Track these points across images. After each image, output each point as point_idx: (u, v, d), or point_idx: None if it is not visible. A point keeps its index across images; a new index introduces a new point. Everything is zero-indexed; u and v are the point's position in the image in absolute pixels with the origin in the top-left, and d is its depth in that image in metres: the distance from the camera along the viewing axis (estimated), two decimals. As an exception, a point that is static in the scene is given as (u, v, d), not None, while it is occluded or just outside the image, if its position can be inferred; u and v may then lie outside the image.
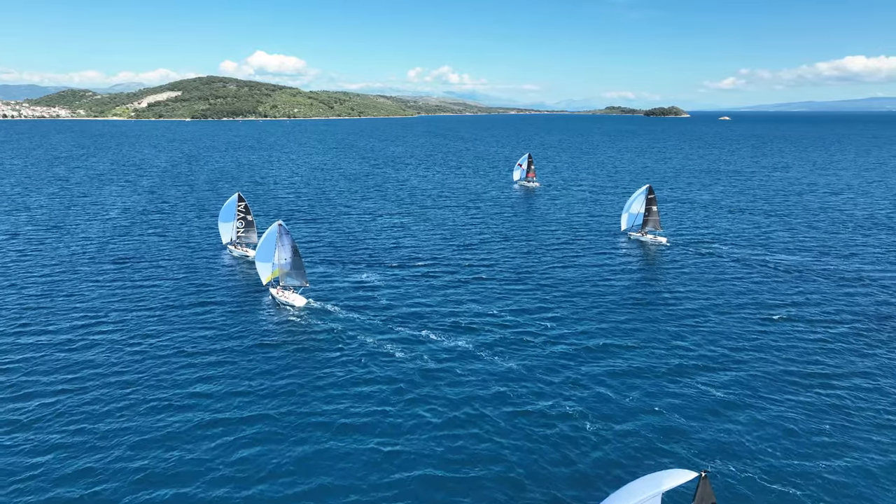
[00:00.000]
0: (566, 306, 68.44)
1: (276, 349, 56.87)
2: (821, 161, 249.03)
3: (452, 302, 69.95)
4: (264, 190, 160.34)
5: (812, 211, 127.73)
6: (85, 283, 76.44)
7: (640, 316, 65.27)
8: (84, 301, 69.48)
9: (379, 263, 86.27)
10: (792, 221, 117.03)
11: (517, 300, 70.67)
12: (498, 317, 65.07)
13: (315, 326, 62.67)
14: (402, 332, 60.62)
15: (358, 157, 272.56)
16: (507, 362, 53.42)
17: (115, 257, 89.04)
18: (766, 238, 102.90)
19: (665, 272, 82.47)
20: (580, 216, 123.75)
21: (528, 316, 65.43)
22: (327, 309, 67.59)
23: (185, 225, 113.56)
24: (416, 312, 66.44)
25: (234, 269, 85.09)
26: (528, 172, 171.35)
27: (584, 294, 72.88)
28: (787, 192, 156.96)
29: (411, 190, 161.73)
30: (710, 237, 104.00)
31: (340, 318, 64.94)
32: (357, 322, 63.66)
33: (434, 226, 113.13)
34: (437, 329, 61.28)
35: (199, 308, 67.97)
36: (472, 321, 63.68)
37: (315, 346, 57.71)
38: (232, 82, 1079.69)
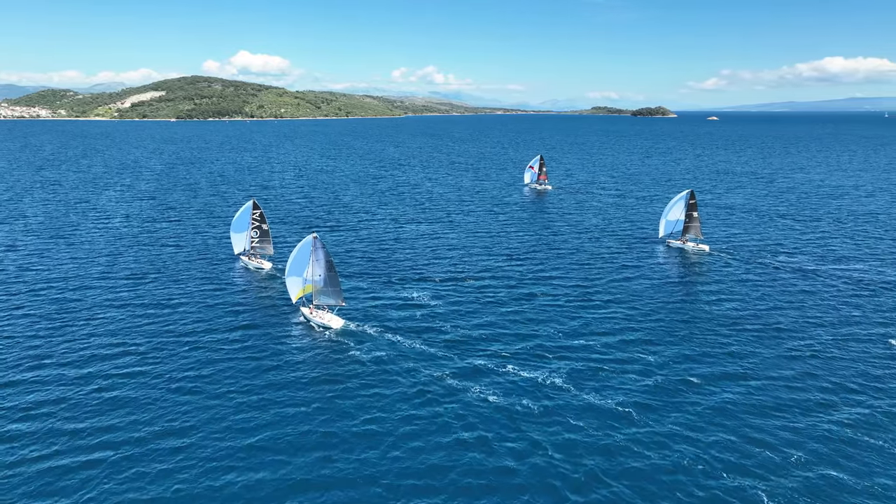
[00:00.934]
0: (646, 326, 61.39)
1: (319, 385, 49.34)
2: (834, 162, 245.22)
3: (516, 322, 62.62)
4: (273, 194, 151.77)
5: (856, 215, 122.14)
6: (100, 305, 67.97)
7: (740, 339, 58.36)
8: (102, 326, 61.18)
9: (420, 278, 78.71)
10: (841, 227, 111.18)
11: (589, 319, 63.47)
12: (572, 339, 57.93)
13: (358, 354, 55.13)
14: (465, 362, 53.22)
15: (359, 158, 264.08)
16: (607, 398, 46.18)
17: (128, 272, 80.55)
18: (818, 246, 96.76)
19: (733, 287, 75.66)
20: (615, 222, 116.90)
21: (609, 339, 58.29)
22: (369, 332, 60.18)
23: (197, 234, 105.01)
24: (475, 336, 59.12)
25: (253, 283, 77.45)
26: (539, 175, 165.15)
27: (660, 311, 65.87)
28: (818, 194, 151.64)
29: (428, 194, 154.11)
30: (752, 244, 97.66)
31: (386, 343, 57.52)
32: (406, 348, 56.26)
33: (467, 233, 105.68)
34: (508, 357, 53.93)
35: (227, 333, 60.28)
36: (544, 346, 56.39)
37: (362, 380, 50.17)
38: (217, 82, 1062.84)
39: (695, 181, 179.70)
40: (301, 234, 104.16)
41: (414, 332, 60.31)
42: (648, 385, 48.76)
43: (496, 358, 53.90)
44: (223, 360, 53.61)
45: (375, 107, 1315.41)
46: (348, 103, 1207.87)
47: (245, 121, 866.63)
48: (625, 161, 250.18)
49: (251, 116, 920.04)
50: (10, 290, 72.18)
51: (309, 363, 53.52)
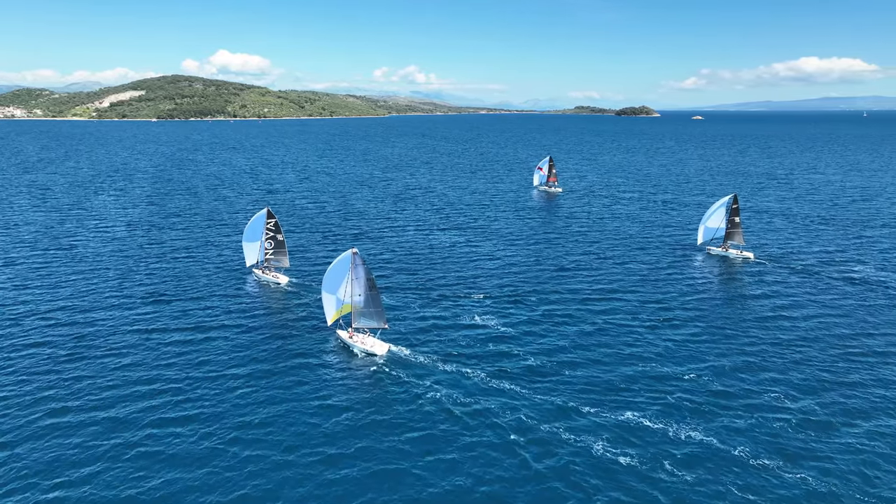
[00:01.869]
0: (733, 348, 54.73)
1: (381, 434, 42.10)
2: (846, 163, 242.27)
3: (592, 347, 55.66)
4: (280, 199, 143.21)
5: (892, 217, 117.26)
6: (119, 331, 59.72)
7: (857, 366, 51.87)
8: (126, 359, 53.14)
9: (467, 292, 71.53)
10: (887, 231, 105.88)
11: (668, 344, 56.74)
12: (657, 365, 51.09)
13: (417, 391, 47.88)
14: (545, 399, 46.20)
15: (359, 159, 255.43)
16: (730, 443, 39.34)
17: (145, 291, 72.21)
18: (867, 252, 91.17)
19: (805, 303, 69.41)
20: (647, 227, 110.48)
21: (700, 366, 51.54)
22: (421, 360, 53.05)
23: (209, 244, 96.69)
24: (550, 365, 52.14)
25: (273, 300, 70.14)
26: (549, 177, 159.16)
27: (743, 334, 59.29)
28: (848, 196, 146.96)
29: (443, 197, 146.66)
30: (796, 251, 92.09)
31: (444, 375, 50.28)
32: (469, 381, 49.18)
33: (503, 242, 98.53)
34: (597, 391, 47.02)
35: (266, 364, 52.92)
36: (632, 376, 49.57)
37: (431, 425, 42.96)
38: (198, 81, 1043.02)
39: (712, 183, 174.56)
40: (318, 244, 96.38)
41: (474, 359, 53.31)
42: (770, 426, 42.05)
43: (583, 393, 47.00)
44: (272, 402, 46.23)
45: (359, 106, 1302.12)
46: (332, 103, 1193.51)
47: (228, 121, 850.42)
48: (631, 162, 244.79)
49: (234, 116, 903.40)
50: (12, 315, 63.46)
51: (365, 403, 46.21)
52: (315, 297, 69.50)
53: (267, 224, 78.30)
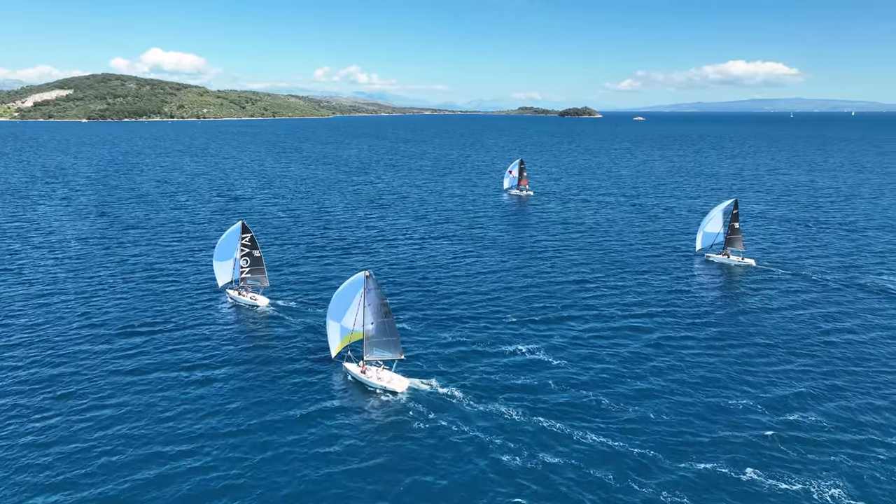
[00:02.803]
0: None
1: (406, 488, 35.56)
2: (803, 162, 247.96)
3: (635, 379, 49.63)
4: (247, 207, 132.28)
5: (868, 216, 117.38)
6: (96, 375, 49.84)
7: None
8: (112, 413, 43.60)
9: (481, 312, 64.88)
10: (876, 234, 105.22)
11: (725, 369, 51.39)
12: (722, 395, 45.49)
13: (446, 431, 41.14)
14: (600, 440, 40.27)
15: (318, 162, 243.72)
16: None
17: (118, 322, 62.07)
18: (867, 257, 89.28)
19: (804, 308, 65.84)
20: (647, 234, 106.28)
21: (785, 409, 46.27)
22: (446, 395, 46.15)
23: (177, 262, 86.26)
24: (592, 397, 46.22)
25: (259, 328, 61.54)
26: (520, 180, 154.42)
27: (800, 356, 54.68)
28: (823, 196, 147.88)
29: (422, 203, 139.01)
30: (795, 257, 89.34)
31: (478, 414, 43.61)
32: (508, 420, 42.85)
33: (507, 253, 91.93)
34: (648, 433, 41.07)
35: (258, 409, 45.07)
36: (698, 417, 43.74)
37: (460, 473, 36.73)
38: (131, 80, 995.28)
39: (687, 185, 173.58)
40: (300, 259, 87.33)
41: (508, 391, 46.96)
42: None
43: (635, 433, 41.05)
44: (277, 457, 38.45)
45: (302, 107, 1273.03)
46: (274, 103, 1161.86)
47: (166, 121, 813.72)
48: (598, 163, 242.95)
49: (172, 117, 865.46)
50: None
51: (390, 452, 39.05)
52: (304, 322, 61.90)
53: (242, 239, 70.06)
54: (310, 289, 73.65)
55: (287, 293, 71.72)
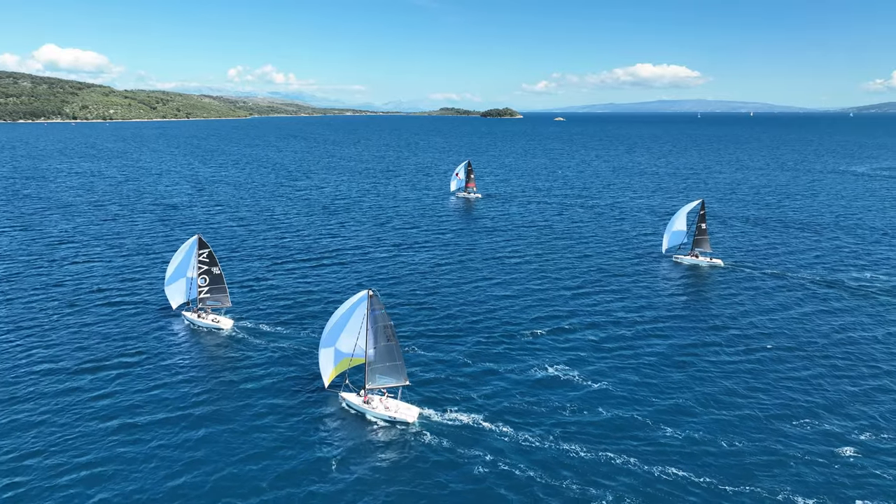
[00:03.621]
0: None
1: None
2: (734, 160, 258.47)
3: (673, 393, 47.15)
4: (188, 216, 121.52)
5: (846, 217, 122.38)
6: (36, 427, 41.80)
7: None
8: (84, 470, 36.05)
9: (484, 331, 60.80)
10: (855, 233, 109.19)
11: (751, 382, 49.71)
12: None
13: (470, 464, 37.62)
14: (646, 471, 37.09)
15: (252, 165, 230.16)
16: None
17: (64, 358, 53.34)
18: (829, 255, 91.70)
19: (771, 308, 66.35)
20: (616, 235, 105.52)
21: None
22: (464, 424, 42.20)
23: (126, 280, 76.98)
24: (634, 418, 43.30)
25: (227, 352, 55.26)
26: (467, 182, 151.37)
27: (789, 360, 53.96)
28: (771, 196, 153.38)
29: (381, 208, 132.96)
30: (759, 256, 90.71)
31: (499, 440, 40.37)
32: (529, 444, 39.80)
33: (488, 260, 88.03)
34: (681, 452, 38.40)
35: (247, 452, 39.69)
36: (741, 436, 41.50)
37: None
38: (25, 78, 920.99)
39: (636, 185, 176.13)
40: (265, 274, 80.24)
41: (525, 415, 43.59)
42: None
43: (669, 454, 38.37)
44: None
45: (217, 108, 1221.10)
46: (187, 104, 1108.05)
47: (69, 123, 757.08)
48: (539, 164, 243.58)
49: (74, 118, 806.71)
50: None
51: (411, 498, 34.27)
52: (279, 346, 56.21)
53: (199, 255, 63.31)
54: (280, 307, 66.97)
55: (253, 313, 64.95)
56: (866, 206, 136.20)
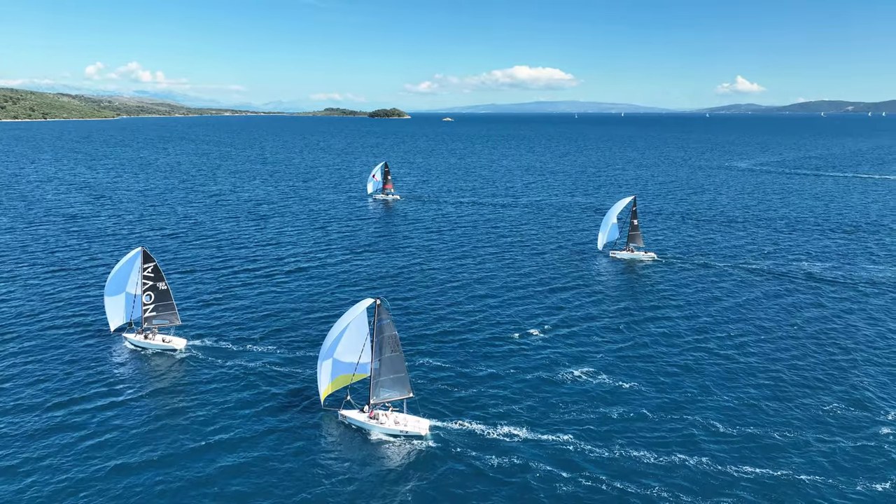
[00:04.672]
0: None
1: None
2: (627, 158, 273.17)
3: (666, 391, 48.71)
4: (96, 226, 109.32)
5: (753, 210, 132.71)
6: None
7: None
8: None
9: (466, 332, 60.43)
10: (768, 226, 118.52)
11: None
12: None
13: (497, 473, 37.05)
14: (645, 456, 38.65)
15: (149, 170, 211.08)
16: None
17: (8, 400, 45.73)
18: (747, 244, 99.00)
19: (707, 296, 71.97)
20: (549, 232, 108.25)
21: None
22: (479, 432, 41.43)
23: (41, 294, 67.54)
24: (640, 419, 44.04)
25: (192, 377, 50.29)
26: (384, 184, 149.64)
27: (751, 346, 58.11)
28: (682, 190, 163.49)
29: (312, 212, 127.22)
30: (686, 248, 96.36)
31: (522, 445, 39.98)
32: (554, 447, 39.81)
33: (451, 262, 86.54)
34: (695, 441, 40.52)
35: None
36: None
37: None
38: None
39: (553, 182, 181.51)
40: (212, 288, 74.14)
41: (538, 417, 43.57)
42: None
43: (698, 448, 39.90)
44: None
45: (79, 107, 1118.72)
46: (43, 103, 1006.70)
47: None
48: (450, 164, 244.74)
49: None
50: None
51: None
52: (245, 365, 52.22)
53: (143, 270, 57.94)
54: (234, 323, 62.27)
55: (206, 330, 59.94)
56: (763, 197, 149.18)
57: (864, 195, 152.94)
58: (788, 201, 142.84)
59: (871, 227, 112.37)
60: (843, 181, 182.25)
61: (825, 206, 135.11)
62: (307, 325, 61.48)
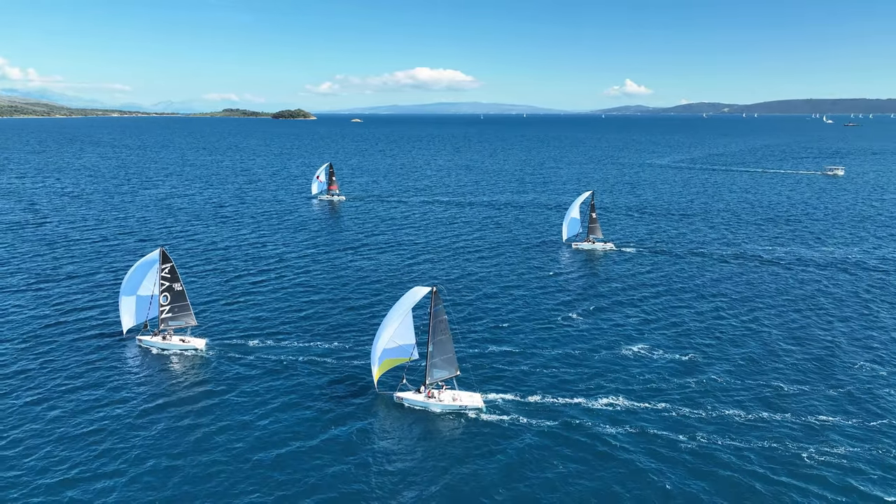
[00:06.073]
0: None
1: None
2: (552, 157, 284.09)
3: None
4: (59, 233, 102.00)
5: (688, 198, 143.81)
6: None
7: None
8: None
9: (472, 319, 63.08)
10: (711, 218, 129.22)
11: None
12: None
13: (567, 435, 41.32)
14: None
15: (69, 174, 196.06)
16: None
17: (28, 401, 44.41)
18: (690, 234, 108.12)
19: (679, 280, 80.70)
20: (516, 228, 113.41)
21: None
22: (530, 403, 45.60)
23: (57, 305, 64.23)
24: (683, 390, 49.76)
25: (221, 377, 50.21)
26: (329, 185, 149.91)
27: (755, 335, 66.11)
28: (625, 184, 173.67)
29: (272, 215, 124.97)
30: (639, 238, 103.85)
31: (577, 412, 44.48)
32: (606, 412, 44.53)
33: (449, 258, 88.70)
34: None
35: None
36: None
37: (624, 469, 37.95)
38: None
39: (501, 181, 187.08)
40: (217, 289, 73.84)
41: (577, 387, 48.35)
42: None
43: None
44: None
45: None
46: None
47: None
48: (382, 164, 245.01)
49: None
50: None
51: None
52: (271, 358, 53.15)
53: (161, 271, 57.73)
54: (246, 321, 62.77)
55: (223, 330, 60.04)
56: (697, 191, 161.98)
57: (783, 187, 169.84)
58: (720, 195, 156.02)
59: (800, 215, 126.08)
60: (757, 175, 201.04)
61: (755, 198, 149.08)
62: (322, 318, 63.31)
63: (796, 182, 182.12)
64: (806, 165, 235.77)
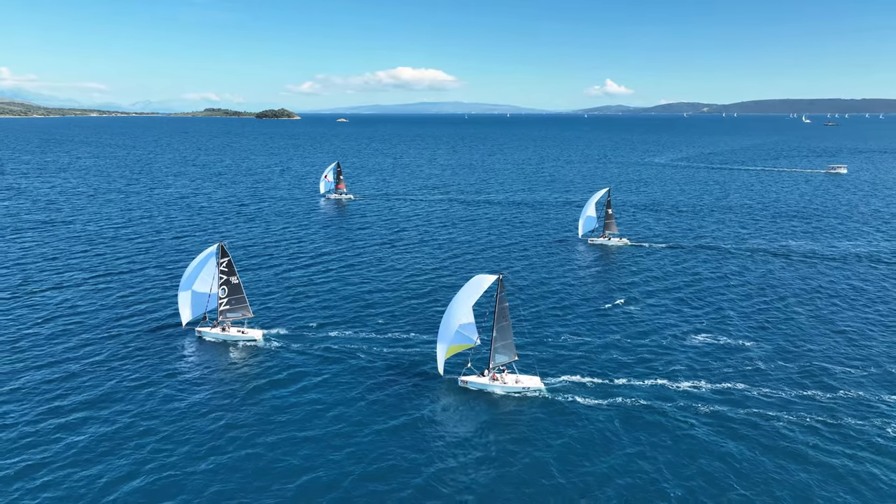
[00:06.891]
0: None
1: None
2: (552, 156, 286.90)
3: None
4: (96, 231, 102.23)
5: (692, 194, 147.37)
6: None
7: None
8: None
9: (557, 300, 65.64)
10: (711, 213, 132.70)
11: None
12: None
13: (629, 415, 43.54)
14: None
15: (74, 173, 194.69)
16: None
17: (87, 399, 45.72)
18: (698, 228, 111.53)
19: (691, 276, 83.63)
20: (534, 225, 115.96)
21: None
22: (591, 383, 48.25)
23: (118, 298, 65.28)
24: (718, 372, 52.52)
25: (289, 367, 51.50)
26: (337, 184, 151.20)
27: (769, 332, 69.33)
28: (635, 183, 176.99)
29: (293, 215, 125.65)
30: (652, 234, 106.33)
31: (643, 391, 47.14)
32: (669, 391, 47.31)
33: (477, 256, 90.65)
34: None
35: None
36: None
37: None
38: None
39: (502, 180, 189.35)
40: (262, 280, 75.10)
41: (630, 369, 50.92)
42: None
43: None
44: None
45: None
46: None
47: None
48: (378, 163, 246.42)
49: None
50: None
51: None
52: (331, 347, 55.03)
53: (219, 265, 59.51)
54: (304, 311, 64.67)
55: (277, 320, 61.99)
56: (702, 189, 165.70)
57: (790, 185, 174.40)
58: (726, 193, 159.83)
59: (810, 211, 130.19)
60: (758, 174, 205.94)
61: (761, 195, 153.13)
62: (373, 307, 65.68)
63: (805, 180, 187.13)
64: (804, 164, 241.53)
